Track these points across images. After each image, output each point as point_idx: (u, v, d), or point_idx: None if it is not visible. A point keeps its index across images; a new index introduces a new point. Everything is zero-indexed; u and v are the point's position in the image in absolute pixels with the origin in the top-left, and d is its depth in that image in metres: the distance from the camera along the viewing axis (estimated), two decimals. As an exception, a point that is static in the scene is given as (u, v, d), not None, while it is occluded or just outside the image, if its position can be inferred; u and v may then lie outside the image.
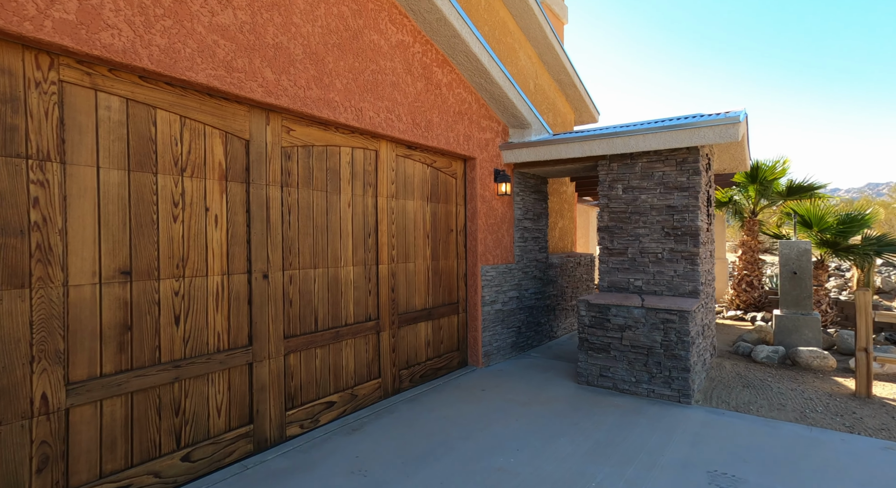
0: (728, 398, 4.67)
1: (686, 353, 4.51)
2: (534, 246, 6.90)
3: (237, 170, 3.33)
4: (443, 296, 5.44)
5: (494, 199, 6.03)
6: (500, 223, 6.15)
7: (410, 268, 4.98)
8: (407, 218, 4.94)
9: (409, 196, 4.97)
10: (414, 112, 4.74)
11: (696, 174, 5.12)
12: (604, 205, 5.69)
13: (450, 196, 5.58)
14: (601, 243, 5.72)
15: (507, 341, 6.22)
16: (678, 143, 5.00)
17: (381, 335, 4.59)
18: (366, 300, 4.43)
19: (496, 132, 6.08)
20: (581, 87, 8.70)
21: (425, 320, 5.16)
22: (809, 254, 6.33)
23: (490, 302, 5.90)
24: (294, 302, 3.74)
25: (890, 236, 7.98)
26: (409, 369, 4.91)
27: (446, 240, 5.51)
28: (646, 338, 4.74)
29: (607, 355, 4.97)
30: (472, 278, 5.78)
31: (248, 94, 3.20)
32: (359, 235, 4.37)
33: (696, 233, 5.12)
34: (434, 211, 5.32)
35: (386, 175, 4.66)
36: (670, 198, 5.26)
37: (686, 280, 5.17)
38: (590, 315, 5.08)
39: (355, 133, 4.30)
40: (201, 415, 3.08)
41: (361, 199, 4.39)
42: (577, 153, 5.65)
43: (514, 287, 6.37)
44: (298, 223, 3.79)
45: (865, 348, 4.53)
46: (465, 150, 5.48)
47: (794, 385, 5.04)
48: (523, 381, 5.20)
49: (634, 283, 5.48)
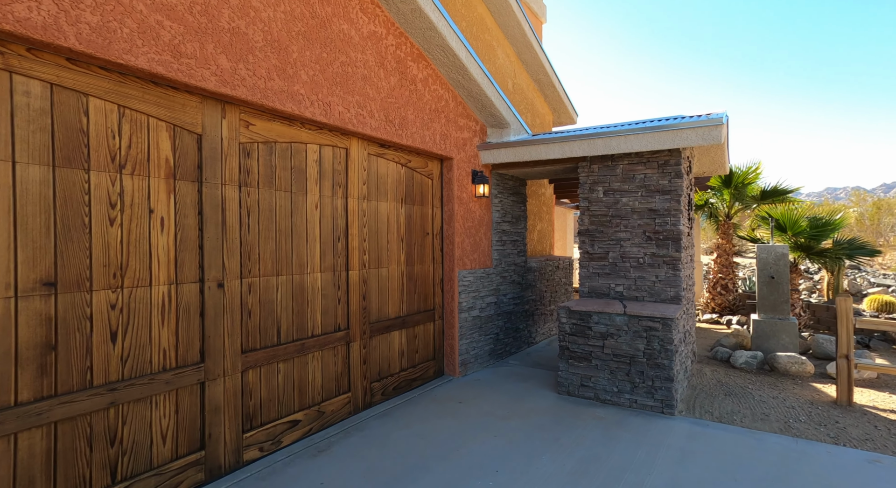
0: (711, 407, 4.54)
1: (669, 362, 4.36)
2: (512, 249, 6.70)
3: (188, 168, 2.99)
4: (418, 302, 5.17)
5: (472, 201, 5.80)
6: (478, 226, 5.92)
7: (383, 274, 4.69)
8: (380, 220, 4.66)
9: (383, 197, 4.69)
10: (387, 108, 4.46)
11: (678, 177, 5.00)
12: (584, 208, 5.52)
13: (425, 197, 5.32)
14: (581, 247, 5.54)
15: (484, 349, 5.98)
16: (660, 145, 4.86)
17: (352, 346, 4.29)
18: (335, 309, 4.13)
19: (474, 132, 5.85)
20: (560, 88, 8.56)
21: (399, 329, 4.88)
22: (787, 259, 6.31)
23: (467, 308, 5.65)
24: (254, 312, 3.42)
25: (860, 240, 8.08)
26: (381, 381, 4.62)
27: (422, 243, 5.25)
28: (628, 347, 4.57)
29: (588, 364, 4.79)
30: (448, 284, 5.52)
31: (200, 83, 2.87)
32: (327, 239, 4.06)
33: (677, 237, 4.99)
34: (409, 213, 5.05)
35: (357, 175, 4.37)
36: (652, 201, 5.13)
37: (668, 285, 5.03)
38: (570, 322, 4.89)
39: (323, 129, 4.00)
40: (142, 444, 2.73)
41: (330, 201, 4.09)
42: (558, 154, 5.46)
43: (492, 292, 6.14)
44: (259, 226, 3.46)
45: (847, 355, 4.47)
46: (441, 150, 5.23)
47: (774, 392, 4.96)
48: (502, 392, 4.97)
49: (615, 289, 5.33)
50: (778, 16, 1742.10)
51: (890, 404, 4.59)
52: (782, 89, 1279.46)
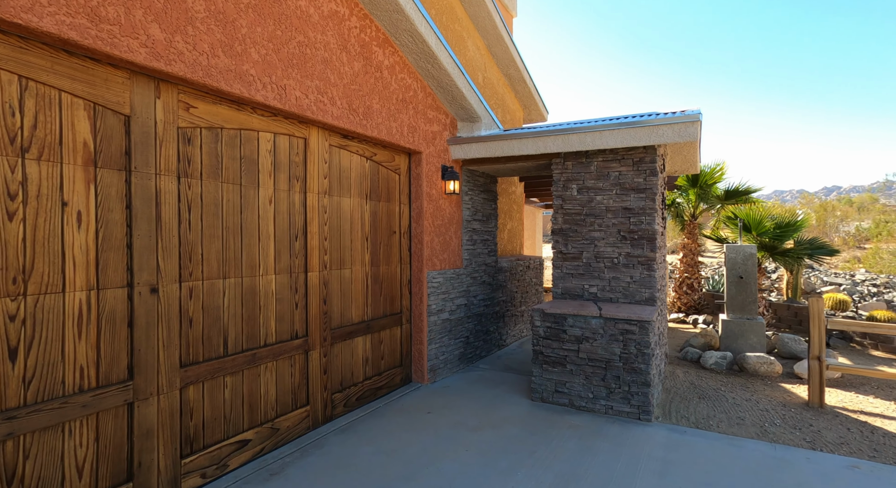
0: (686, 412, 4.41)
1: (646, 367, 4.20)
2: (483, 249, 6.45)
3: (113, 155, 2.57)
4: (384, 306, 4.84)
5: (442, 198, 5.50)
6: (448, 224, 5.63)
7: (346, 276, 4.34)
8: (342, 218, 4.30)
9: (346, 192, 4.33)
10: (350, 95, 4.11)
11: (654, 175, 4.86)
12: (558, 206, 5.32)
13: (392, 194, 4.99)
14: (555, 247, 5.35)
15: (454, 353, 5.71)
16: (636, 142, 4.71)
17: (311, 354, 3.92)
18: (291, 314, 3.75)
19: (444, 125, 5.56)
20: (531, 84, 8.38)
21: (363, 334, 4.54)
22: (755, 259, 6.32)
23: (437, 311, 5.36)
24: (196, 320, 3.01)
25: (819, 240, 8.27)
26: (343, 392, 4.27)
27: (388, 243, 4.92)
28: (604, 351, 4.39)
29: (563, 369, 4.58)
30: (417, 285, 5.21)
31: (127, 55, 2.45)
32: (283, 238, 3.68)
33: (652, 237, 4.86)
34: (374, 210, 4.71)
35: (317, 167, 4.00)
36: (627, 199, 4.97)
37: (643, 286, 4.89)
38: (545, 325, 4.67)
39: (278, 116, 3.61)
40: (51, 481, 2.30)
41: (286, 195, 3.71)
42: (531, 150, 5.24)
43: (462, 294, 5.87)
44: (203, 223, 3.06)
45: (818, 357, 4.43)
46: (409, 143, 4.91)
47: (747, 394, 4.90)
48: (473, 399, 4.70)
49: (589, 290, 5.15)
50: (725, 19, 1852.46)
51: (858, 404, 4.59)
52: (728, 91, 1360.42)
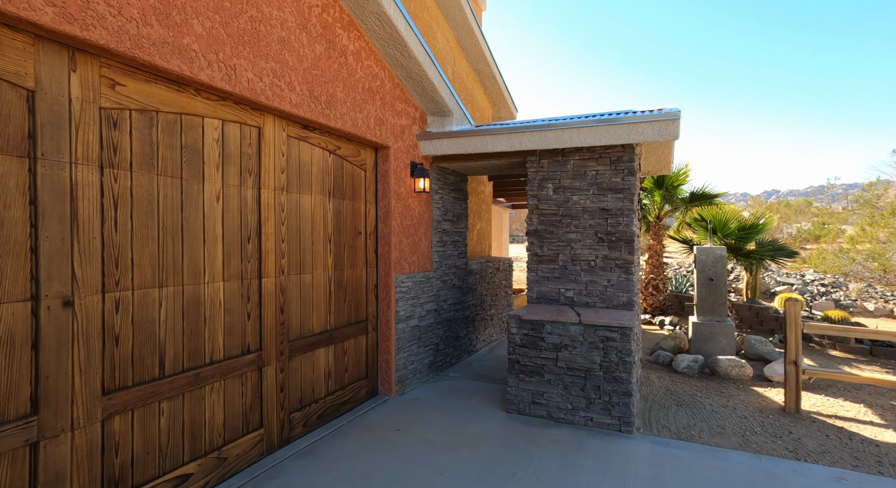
0: (667, 421, 4.25)
1: (628, 376, 4.00)
2: (453, 250, 6.14)
3: (10, 138, 2.09)
4: (348, 313, 4.45)
5: (411, 197, 5.15)
6: (418, 225, 5.28)
7: (307, 281, 3.92)
8: (303, 217, 3.88)
9: (306, 189, 3.91)
10: (311, 81, 3.70)
11: (632, 174, 4.69)
12: (533, 206, 5.08)
13: (358, 191, 4.60)
14: (530, 249, 5.10)
15: (423, 362, 5.37)
16: (615, 140, 4.52)
17: (265, 370, 3.49)
18: (243, 326, 3.31)
19: (413, 119, 5.21)
20: (500, 80, 8.14)
21: (326, 345, 4.13)
22: (725, 261, 6.32)
23: (405, 317, 5.00)
24: (124, 338, 2.54)
25: (779, 241, 8.44)
26: (302, 410, 3.85)
27: (353, 244, 4.52)
28: (584, 359, 4.16)
29: (541, 379, 4.33)
30: (384, 290, 4.84)
31: (27, 14, 1.99)
32: (233, 240, 3.24)
33: (630, 239, 4.69)
34: (338, 209, 4.31)
35: (274, 161, 3.57)
36: (604, 200, 4.78)
37: (620, 290, 4.71)
38: (521, 333, 4.40)
39: (228, 101, 3.17)
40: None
41: (237, 191, 3.27)
42: (505, 147, 4.97)
43: (432, 298, 5.54)
44: (133, 222, 2.59)
45: (795, 361, 4.38)
46: (376, 137, 4.53)
47: (723, 400, 4.80)
48: (444, 413, 4.38)
49: (566, 294, 4.93)
50: (675, 24, 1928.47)
51: (830, 408, 4.57)
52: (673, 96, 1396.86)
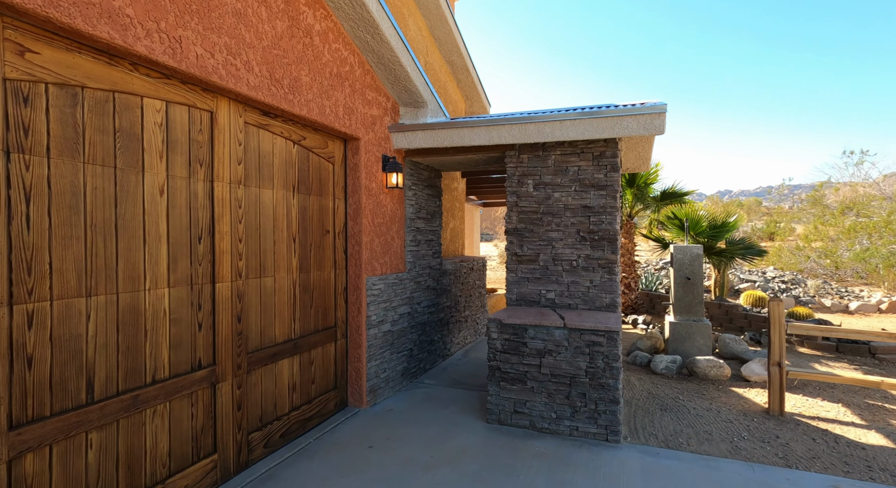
0: (653, 428, 4.08)
1: (615, 382, 3.80)
2: (427, 250, 5.83)
3: None
4: (315, 319, 4.06)
5: (383, 193, 4.80)
6: (390, 223, 4.94)
7: (268, 286, 3.53)
8: (263, 214, 3.48)
9: (267, 183, 3.51)
10: (272, 62, 3.30)
11: (615, 170, 4.50)
12: (512, 203, 4.83)
13: (325, 187, 4.22)
14: (509, 248, 4.85)
15: (396, 369, 5.04)
16: (598, 134, 4.31)
17: (220, 387, 3.08)
18: (193, 338, 2.90)
19: (385, 109, 4.86)
20: (474, 73, 7.87)
21: (290, 355, 3.74)
22: (701, 259, 6.26)
23: (377, 322, 4.66)
24: (39, 359, 2.11)
25: (748, 240, 8.53)
26: (263, 429, 3.46)
27: (320, 244, 4.14)
28: (569, 365, 3.93)
29: (523, 386, 4.08)
30: (354, 293, 4.48)
31: None
32: (181, 239, 2.82)
33: (614, 237, 4.50)
34: (304, 205, 3.92)
35: (229, 150, 3.16)
36: (586, 197, 4.58)
37: (603, 291, 4.52)
38: (503, 338, 4.14)
39: (173, 79, 2.75)
40: None
41: (186, 184, 2.85)
42: (484, 140, 4.69)
43: (405, 301, 5.21)
44: (52, 219, 2.16)
45: (779, 363, 4.29)
46: (345, 127, 4.16)
47: (705, 403, 4.69)
48: (421, 426, 4.07)
49: (547, 295, 4.71)
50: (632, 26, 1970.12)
51: (811, 409, 4.52)
52: (630, 95, 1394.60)
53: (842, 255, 15.56)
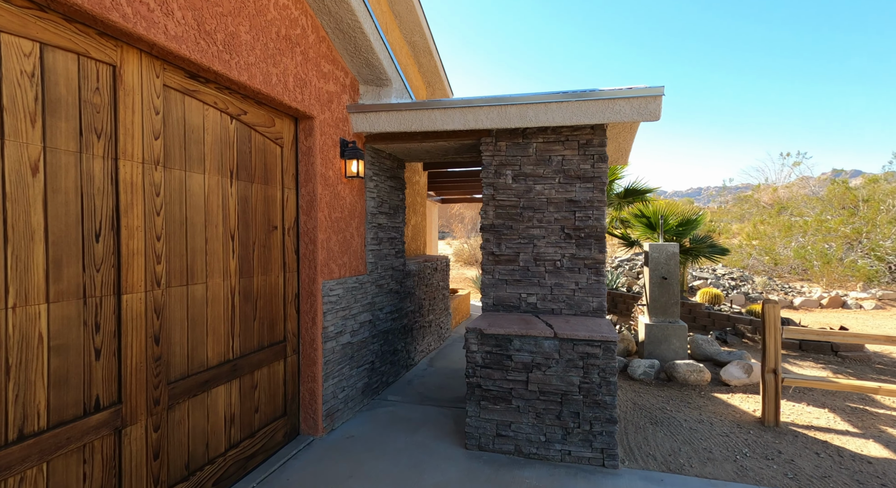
0: (648, 446, 3.68)
1: (612, 399, 3.35)
2: (390, 249, 5.19)
3: None
4: (260, 334, 3.34)
5: (341, 183, 4.13)
6: (349, 218, 4.27)
7: (198, 295, 2.78)
8: (192, 205, 2.73)
9: (196, 165, 2.77)
10: (200, 9, 2.57)
11: (602, 161, 4.07)
12: (489, 196, 4.30)
13: (272, 174, 3.49)
14: (485, 247, 4.32)
15: (356, 386, 4.38)
16: (587, 119, 3.85)
17: (128, 432, 2.33)
18: (87, 371, 2.14)
19: (343, 86, 4.18)
20: (437, 57, 7.28)
21: (227, 380, 3.01)
22: (678, 258, 6.02)
23: (335, 334, 3.98)
24: None
25: (710, 238, 8.50)
26: (190, 479, 2.72)
27: (266, 243, 3.42)
28: (560, 381, 3.45)
29: (508, 406, 3.55)
30: (308, 301, 3.78)
31: None
32: (67, 236, 2.05)
33: (601, 235, 4.07)
34: (245, 195, 3.19)
35: (142, 119, 2.41)
36: (571, 189, 4.12)
37: (590, 294, 4.09)
38: (483, 351, 3.59)
39: (51, 12, 1.98)
40: None
41: (75, 161, 2.08)
42: (458, 124, 4.12)
43: (366, 307, 4.56)
44: None
45: (774, 370, 4.02)
46: (296, 102, 3.46)
47: (694, 413, 4.37)
48: (389, 457, 3.45)
49: (527, 300, 4.21)
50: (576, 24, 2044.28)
51: (802, 417, 4.30)
52: None
53: (779, 253, 16.33)
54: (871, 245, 13.78)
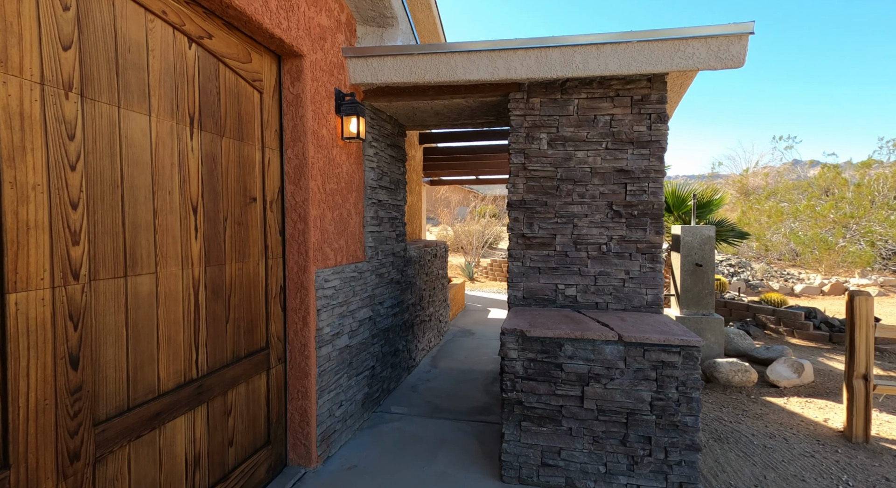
0: (724, 473, 3.00)
1: (694, 420, 2.63)
2: (390, 231, 4.36)
3: None
4: (234, 341, 2.49)
5: (337, 146, 3.26)
6: (346, 191, 3.42)
7: (143, 290, 1.92)
8: (131, 158, 1.85)
9: (137, 101, 1.88)
10: None
11: (662, 121, 3.32)
12: (518, 166, 3.50)
13: (249, 127, 2.61)
14: (514, 228, 3.54)
15: (356, 397, 3.57)
16: (649, 65, 3.09)
17: (26, 509, 1.48)
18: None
19: (337, 21, 3.29)
20: (436, 11, 6.37)
21: (189, 408, 2.16)
22: (713, 242, 5.36)
23: (331, 336, 3.15)
24: None
25: (727, 222, 7.92)
26: (136, 558, 1.88)
27: (242, 220, 2.55)
28: (625, 396, 2.71)
29: (556, 428, 2.80)
30: (297, 295, 2.93)
31: None
32: None
33: (658, 213, 3.35)
34: (211, 153, 2.31)
35: (38, 12, 1.51)
36: (622, 157, 3.37)
37: (644, 285, 3.37)
38: (526, 358, 2.82)
39: None
40: None
41: None
42: (484, 73, 3.30)
43: (365, 302, 3.73)
44: None
45: (865, 375, 3.39)
46: (281, 29, 2.58)
47: (759, 425, 3.73)
48: (407, 495, 2.67)
49: (565, 292, 3.46)
50: None
51: (885, 429, 3.69)
52: None
53: (770, 238, 16.09)
54: (864, 230, 13.59)
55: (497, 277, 14.25)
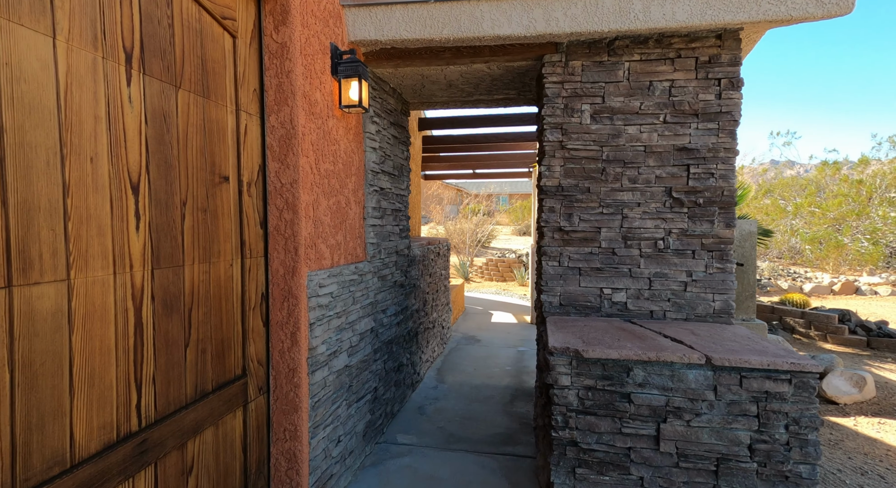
0: (821, 520, 2.40)
1: (812, 470, 2.02)
2: (394, 226, 3.69)
3: None
4: (197, 371, 1.80)
5: (333, 116, 2.58)
6: (345, 174, 2.74)
7: (44, 307, 1.23)
8: (23, 100, 1.16)
9: (31, 16, 1.19)
10: None
11: (735, 88, 2.72)
12: (554, 144, 2.87)
13: (217, 80, 1.92)
14: (547, 219, 2.90)
15: (356, 429, 2.90)
16: (728, 13, 2.51)
17: None
18: None
19: (335, -42, 2.61)
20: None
21: (124, 477, 1.47)
22: (755, 238, 4.80)
23: (327, 356, 2.48)
24: None
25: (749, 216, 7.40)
26: None
27: (207, 205, 1.86)
28: (716, 437, 2.08)
29: (624, 477, 2.17)
30: (283, 305, 2.25)
31: None
32: None
33: (729, 201, 2.74)
34: (161, 109, 1.62)
35: None
36: (684, 133, 2.75)
37: (710, 289, 2.76)
38: (582, 385, 2.18)
39: None
40: None
41: None
42: (518, 27, 2.65)
43: (367, 310, 3.06)
44: None
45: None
46: (261, -56, 1.89)
47: (839, 456, 3.16)
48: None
49: (612, 298, 2.84)
50: None
51: (973, 450, 3.15)
52: None
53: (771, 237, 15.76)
54: (868, 228, 13.29)
55: (493, 277, 13.64)
